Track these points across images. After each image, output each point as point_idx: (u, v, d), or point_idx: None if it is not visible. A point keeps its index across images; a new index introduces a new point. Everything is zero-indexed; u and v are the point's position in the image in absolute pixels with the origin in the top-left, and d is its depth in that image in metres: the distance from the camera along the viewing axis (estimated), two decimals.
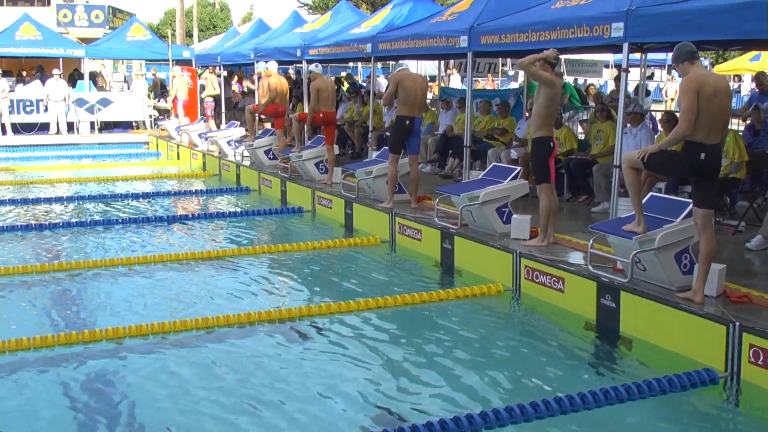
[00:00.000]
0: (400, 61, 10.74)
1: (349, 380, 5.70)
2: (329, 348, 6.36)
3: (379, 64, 18.82)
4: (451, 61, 25.07)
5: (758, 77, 13.01)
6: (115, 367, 5.89)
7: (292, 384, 5.61)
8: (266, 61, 14.67)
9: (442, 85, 20.15)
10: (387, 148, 10.70)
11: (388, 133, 13.00)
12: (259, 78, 16.48)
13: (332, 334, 6.67)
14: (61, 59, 22.81)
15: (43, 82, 22.10)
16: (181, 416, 5.11)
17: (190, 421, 5.03)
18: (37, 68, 24.12)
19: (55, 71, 21.74)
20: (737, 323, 5.65)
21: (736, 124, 14.31)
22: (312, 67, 13.04)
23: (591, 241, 7.12)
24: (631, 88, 15.60)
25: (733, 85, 30.46)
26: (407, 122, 10.02)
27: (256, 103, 15.74)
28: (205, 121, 19.88)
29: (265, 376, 5.75)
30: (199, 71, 22.83)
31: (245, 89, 22.78)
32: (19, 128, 21.26)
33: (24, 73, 24.42)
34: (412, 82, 10.03)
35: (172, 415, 5.13)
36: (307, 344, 6.46)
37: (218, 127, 19.52)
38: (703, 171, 6.04)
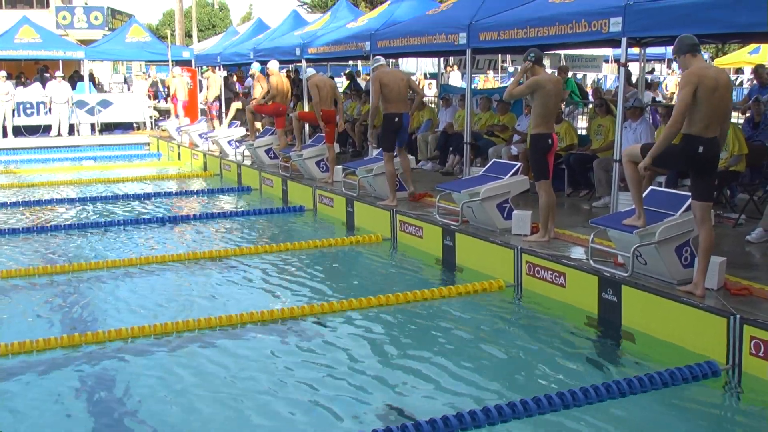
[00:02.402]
0: (377, 57, 10.59)
1: (351, 378, 5.71)
2: (331, 346, 6.37)
3: None
4: (451, 58, 25.03)
5: (757, 70, 13.01)
6: (119, 369, 5.91)
7: (294, 382, 5.63)
8: (264, 62, 14.65)
9: (442, 82, 20.15)
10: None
11: None
12: (253, 78, 16.49)
13: (335, 333, 6.69)
14: (60, 61, 22.81)
15: (43, 84, 22.11)
16: (185, 415, 5.13)
17: (195, 421, 5.05)
18: (39, 71, 24.12)
19: (58, 73, 21.77)
20: (738, 315, 5.67)
21: (736, 117, 14.30)
22: (310, 70, 13.12)
23: (592, 236, 7.13)
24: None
25: (734, 77, 30.43)
26: (396, 119, 10.03)
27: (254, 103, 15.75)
28: (209, 121, 19.87)
29: (268, 375, 5.77)
30: (201, 71, 22.82)
31: (245, 89, 22.77)
32: (22, 131, 21.27)
33: (23, 77, 24.43)
34: (391, 78, 10.03)
35: (176, 415, 5.15)
36: (309, 342, 6.47)
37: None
38: (701, 164, 6.05)
